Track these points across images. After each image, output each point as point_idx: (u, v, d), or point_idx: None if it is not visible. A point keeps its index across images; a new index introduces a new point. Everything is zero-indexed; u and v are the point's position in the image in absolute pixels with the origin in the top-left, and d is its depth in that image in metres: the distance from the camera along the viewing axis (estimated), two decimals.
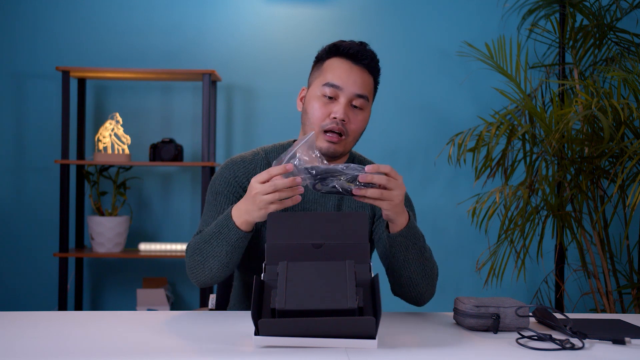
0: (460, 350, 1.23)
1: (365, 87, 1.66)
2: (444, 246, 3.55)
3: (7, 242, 3.51)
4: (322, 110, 1.64)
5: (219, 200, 1.68)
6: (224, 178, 1.69)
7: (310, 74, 1.73)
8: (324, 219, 1.39)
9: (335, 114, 1.62)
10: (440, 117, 3.55)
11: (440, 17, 3.57)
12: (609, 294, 3.00)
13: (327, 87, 1.64)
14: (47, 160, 3.48)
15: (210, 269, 1.56)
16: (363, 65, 1.66)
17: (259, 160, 1.72)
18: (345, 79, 1.64)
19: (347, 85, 1.63)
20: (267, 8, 3.55)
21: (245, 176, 1.69)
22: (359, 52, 1.65)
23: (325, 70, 1.66)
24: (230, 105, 3.57)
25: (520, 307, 1.37)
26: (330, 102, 1.64)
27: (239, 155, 1.75)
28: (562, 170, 2.91)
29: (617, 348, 1.27)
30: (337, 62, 1.66)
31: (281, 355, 1.16)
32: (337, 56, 1.67)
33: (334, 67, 1.65)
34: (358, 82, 1.65)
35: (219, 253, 1.54)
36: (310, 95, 1.67)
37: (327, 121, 1.63)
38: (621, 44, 3.20)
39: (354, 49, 1.65)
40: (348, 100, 1.64)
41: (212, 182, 1.72)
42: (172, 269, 3.55)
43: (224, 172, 1.71)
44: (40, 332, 1.34)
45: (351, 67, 1.65)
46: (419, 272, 1.57)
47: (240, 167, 1.70)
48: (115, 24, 3.53)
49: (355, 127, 1.66)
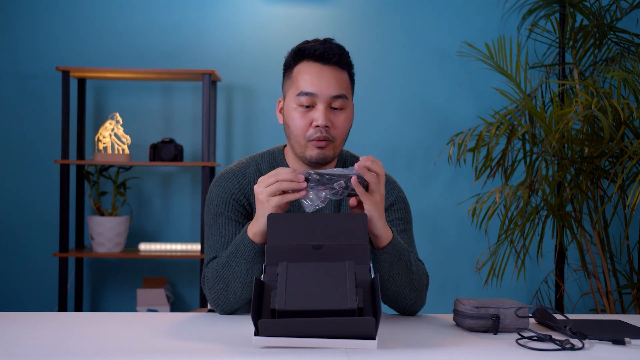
0: (460, 351, 1.23)
1: (340, 86, 1.59)
2: (444, 246, 3.55)
3: (7, 242, 3.51)
4: (303, 121, 1.59)
5: (220, 222, 1.62)
6: (220, 198, 1.64)
7: (282, 84, 1.68)
8: (324, 220, 1.39)
9: (317, 121, 1.57)
10: (440, 117, 3.55)
11: (440, 17, 3.57)
12: (609, 294, 3.00)
13: (302, 96, 1.58)
14: (47, 160, 3.48)
15: (234, 294, 1.52)
16: (333, 64, 1.59)
17: (251, 174, 1.67)
18: (317, 84, 1.57)
19: (322, 90, 1.57)
20: (267, 8, 3.55)
21: (241, 191, 1.64)
22: (326, 52, 1.59)
23: (296, 78, 1.61)
24: (230, 105, 3.57)
25: (520, 307, 1.37)
26: (309, 110, 1.59)
27: (228, 169, 1.69)
28: (562, 170, 2.91)
29: (617, 348, 1.27)
30: (306, 67, 1.60)
31: (281, 356, 1.16)
32: (304, 60, 1.61)
33: (303, 73, 1.60)
34: (332, 83, 1.58)
35: (240, 273, 1.50)
36: (288, 107, 1.62)
37: (310, 131, 1.59)
38: (621, 44, 3.20)
39: (319, 49, 1.59)
40: (326, 105, 1.58)
41: (208, 203, 1.66)
42: (172, 269, 3.55)
43: (219, 191, 1.65)
44: (40, 333, 1.34)
45: (321, 69, 1.59)
46: (406, 285, 1.54)
47: (233, 182, 1.65)
48: (115, 24, 3.53)
49: (340, 130, 1.61)
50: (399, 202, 1.71)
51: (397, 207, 1.70)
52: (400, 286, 1.53)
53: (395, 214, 1.69)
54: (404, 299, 1.56)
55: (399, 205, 1.70)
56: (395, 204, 1.70)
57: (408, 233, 1.70)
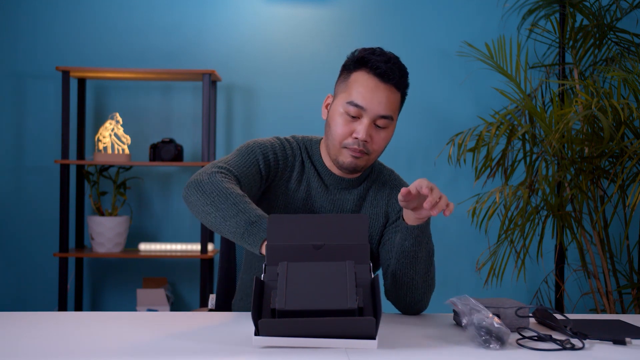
0: (460, 351, 1.23)
1: (390, 107, 1.61)
2: (444, 246, 3.55)
3: (7, 242, 3.51)
4: (345, 129, 1.60)
5: (251, 159, 1.62)
6: (266, 148, 1.65)
7: (337, 81, 1.68)
8: (324, 220, 1.39)
9: (357, 134, 1.59)
10: (440, 117, 3.55)
11: (440, 17, 3.57)
12: (609, 294, 3.00)
13: (351, 106, 1.59)
14: (47, 160, 3.48)
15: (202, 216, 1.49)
16: (391, 84, 1.61)
17: (297, 156, 1.70)
18: (369, 100, 1.58)
19: (372, 107, 1.58)
20: (267, 8, 3.55)
21: (284, 163, 1.67)
22: (387, 72, 1.60)
23: (351, 85, 1.61)
24: (230, 105, 3.57)
25: (520, 307, 1.37)
26: (353, 120, 1.60)
27: (284, 138, 1.71)
28: (562, 170, 2.91)
29: (618, 348, 1.27)
30: (364, 78, 1.60)
31: (281, 356, 1.16)
32: (365, 70, 1.61)
33: (359, 84, 1.60)
34: (383, 102, 1.59)
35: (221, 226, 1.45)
36: (334, 110, 1.63)
37: (349, 140, 1.61)
38: (621, 44, 3.20)
39: (382, 68, 1.59)
40: (371, 121, 1.60)
41: (258, 141, 1.66)
42: (172, 269, 3.55)
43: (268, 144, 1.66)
44: (40, 333, 1.34)
45: (377, 86, 1.59)
46: (422, 274, 1.56)
47: (284, 153, 1.68)
48: (115, 24, 3.53)
49: (377, 147, 1.63)
50: None
51: None
52: (419, 274, 1.56)
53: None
54: (415, 290, 1.57)
55: None
56: None
57: None
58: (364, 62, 1.62)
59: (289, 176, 1.69)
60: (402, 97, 1.67)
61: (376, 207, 1.71)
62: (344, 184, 1.70)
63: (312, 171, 1.70)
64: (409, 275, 1.56)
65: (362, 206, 1.71)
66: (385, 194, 1.73)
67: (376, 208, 1.71)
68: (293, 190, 1.68)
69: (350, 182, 1.71)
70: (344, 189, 1.71)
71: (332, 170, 1.70)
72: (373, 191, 1.73)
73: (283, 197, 1.67)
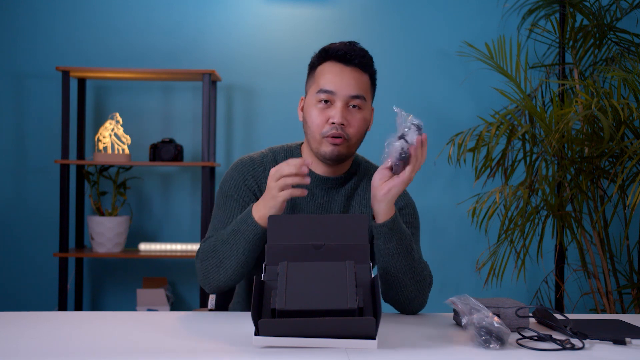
0: (460, 351, 1.23)
1: (359, 87, 1.65)
2: (444, 246, 3.55)
3: (7, 242, 3.51)
4: (320, 118, 1.63)
5: (228, 205, 1.67)
6: (233, 181, 1.69)
7: (306, 83, 1.72)
8: (324, 220, 1.40)
9: (333, 118, 1.62)
10: (440, 117, 3.55)
11: (440, 17, 3.57)
12: (609, 294, 3.00)
13: (322, 93, 1.63)
14: (47, 160, 3.48)
15: (226, 271, 1.55)
16: (354, 65, 1.65)
17: (267, 163, 1.71)
18: (338, 83, 1.63)
19: (341, 89, 1.62)
20: (267, 8, 3.55)
21: (254, 179, 1.69)
22: (348, 53, 1.64)
23: (318, 76, 1.66)
24: (230, 105, 3.57)
25: (520, 307, 1.37)
26: (327, 107, 1.63)
27: (248, 156, 1.75)
28: (562, 170, 2.91)
29: (618, 348, 1.27)
30: (328, 67, 1.65)
31: (281, 355, 1.16)
32: (328, 60, 1.66)
33: (325, 72, 1.65)
34: (351, 83, 1.63)
35: (237, 252, 1.54)
36: (307, 104, 1.67)
37: (326, 128, 1.63)
38: (621, 44, 3.20)
39: (342, 50, 1.64)
40: (344, 104, 1.63)
41: (221, 184, 1.72)
42: (172, 269, 3.55)
43: (234, 174, 1.70)
44: (40, 332, 1.34)
45: (342, 70, 1.64)
46: (406, 271, 1.55)
47: (249, 169, 1.70)
48: (115, 24, 3.53)
49: (355, 129, 1.65)
50: (408, 207, 1.74)
51: (406, 212, 1.73)
52: (401, 271, 1.55)
53: (403, 218, 1.72)
54: (404, 288, 1.56)
55: (407, 210, 1.73)
56: (405, 208, 1.73)
57: (415, 237, 1.73)
58: (325, 53, 1.67)
59: None
60: (371, 81, 1.70)
61: (365, 207, 1.71)
62: (330, 184, 1.70)
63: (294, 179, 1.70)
64: (392, 273, 1.55)
65: (350, 205, 1.71)
66: None
67: (366, 207, 1.71)
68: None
69: (336, 180, 1.70)
70: (331, 189, 1.70)
71: (316, 172, 1.70)
72: (361, 189, 1.73)
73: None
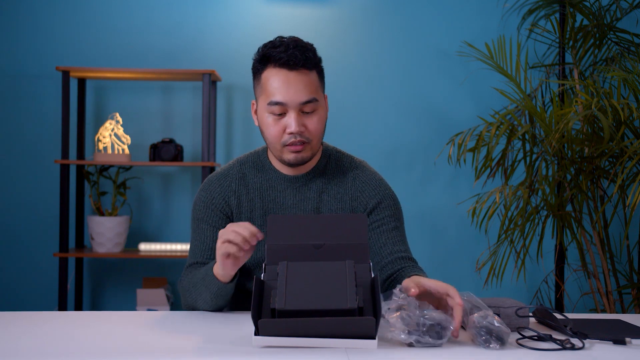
0: (460, 351, 1.23)
1: (309, 90, 1.59)
2: (444, 246, 3.55)
3: (7, 242, 3.51)
4: (277, 128, 1.60)
5: (200, 228, 1.68)
6: (202, 202, 1.69)
7: (253, 87, 1.68)
8: (324, 220, 1.39)
9: (289, 128, 1.58)
10: (440, 117, 3.55)
11: (440, 17, 3.57)
12: (609, 294, 3.00)
13: (272, 105, 1.59)
14: (47, 160, 3.48)
15: (202, 307, 1.59)
16: (299, 68, 1.59)
17: (233, 175, 1.70)
18: (286, 92, 1.57)
19: (291, 98, 1.58)
20: (267, 8, 3.55)
21: (222, 196, 1.68)
22: (290, 59, 1.58)
23: (264, 85, 1.61)
24: (230, 105, 3.57)
25: (521, 307, 1.37)
26: (281, 117, 1.60)
27: (215, 173, 1.73)
28: (562, 170, 2.91)
29: (618, 348, 1.27)
30: (273, 74, 1.60)
31: (281, 355, 1.16)
32: (270, 66, 1.61)
33: (271, 81, 1.59)
34: (300, 88, 1.58)
35: (205, 299, 1.56)
36: (260, 113, 1.64)
37: (285, 137, 1.60)
38: (621, 44, 3.20)
39: (283, 57, 1.58)
40: (297, 111, 1.59)
41: (193, 206, 1.72)
42: (172, 269, 3.55)
43: (202, 196, 1.70)
44: (40, 332, 1.34)
45: (287, 76, 1.58)
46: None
47: (216, 187, 1.69)
48: (115, 24, 3.53)
49: (314, 131, 1.61)
50: (387, 199, 1.70)
51: (385, 205, 1.69)
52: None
53: (384, 211, 1.68)
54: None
55: (387, 203, 1.69)
56: (383, 201, 1.69)
57: (400, 230, 1.70)
58: (267, 59, 1.63)
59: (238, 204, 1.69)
60: (319, 74, 1.64)
61: (340, 201, 1.68)
62: (300, 182, 1.69)
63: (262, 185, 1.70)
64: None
65: (323, 200, 1.68)
66: (348, 185, 1.70)
67: (339, 202, 1.68)
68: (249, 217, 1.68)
69: (304, 177, 1.69)
70: (301, 187, 1.68)
71: (283, 172, 1.69)
72: (334, 183, 1.70)
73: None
